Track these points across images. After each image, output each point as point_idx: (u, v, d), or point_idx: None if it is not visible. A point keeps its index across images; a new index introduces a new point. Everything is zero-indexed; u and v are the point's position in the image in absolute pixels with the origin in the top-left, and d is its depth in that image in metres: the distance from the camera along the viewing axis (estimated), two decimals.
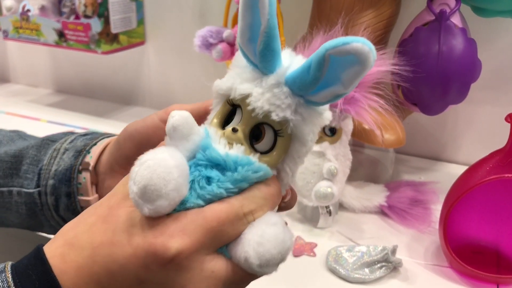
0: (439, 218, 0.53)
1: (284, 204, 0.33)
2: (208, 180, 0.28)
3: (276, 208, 0.31)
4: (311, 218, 0.62)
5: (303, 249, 0.56)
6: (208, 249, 0.28)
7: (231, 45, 0.69)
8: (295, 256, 0.56)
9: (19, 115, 0.96)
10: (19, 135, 0.50)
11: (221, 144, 0.29)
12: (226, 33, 0.69)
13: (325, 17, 0.65)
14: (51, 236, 0.52)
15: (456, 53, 0.60)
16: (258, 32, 0.28)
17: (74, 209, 0.42)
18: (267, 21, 0.27)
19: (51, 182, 0.42)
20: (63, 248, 0.28)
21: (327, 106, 0.31)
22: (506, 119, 0.49)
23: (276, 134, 0.29)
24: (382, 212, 0.64)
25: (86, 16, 0.87)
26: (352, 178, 0.64)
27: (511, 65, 0.72)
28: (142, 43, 0.97)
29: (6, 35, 0.97)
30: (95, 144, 0.43)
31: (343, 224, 0.62)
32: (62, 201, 0.42)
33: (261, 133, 0.29)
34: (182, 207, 0.28)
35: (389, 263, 0.52)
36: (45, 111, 1.00)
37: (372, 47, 0.25)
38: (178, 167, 0.27)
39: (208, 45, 0.70)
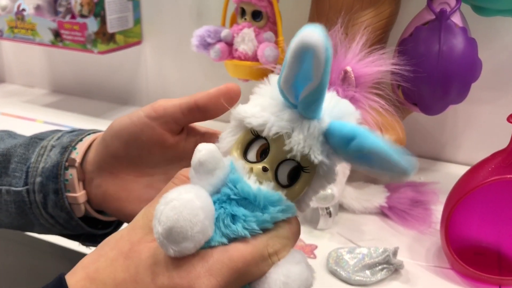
0: (441, 219, 0.53)
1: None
2: (233, 218, 0.28)
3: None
4: (311, 219, 0.61)
5: (303, 251, 0.56)
6: None
7: (229, 44, 0.69)
8: None
9: (15, 116, 0.95)
10: (9, 133, 0.49)
11: (251, 179, 0.29)
12: (224, 32, 0.68)
13: (324, 17, 0.65)
14: (42, 236, 0.50)
15: (456, 53, 0.59)
16: (304, 80, 0.26)
17: (62, 206, 0.41)
18: (320, 80, 0.25)
19: (38, 179, 0.42)
20: (85, 281, 0.28)
21: None
22: (508, 119, 0.48)
23: (301, 169, 0.29)
24: (382, 213, 0.63)
25: (82, 16, 0.86)
26: (352, 179, 0.63)
27: (511, 65, 0.72)
28: (139, 42, 0.96)
29: (1, 34, 0.96)
30: (81, 140, 0.42)
31: (343, 226, 0.61)
32: (50, 198, 0.41)
33: (294, 171, 0.29)
34: (206, 245, 0.28)
35: (390, 265, 0.52)
36: (41, 112, 0.99)
37: (411, 173, 0.26)
38: (204, 209, 0.27)
39: (206, 45, 0.69)
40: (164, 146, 0.38)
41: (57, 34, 0.90)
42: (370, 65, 0.54)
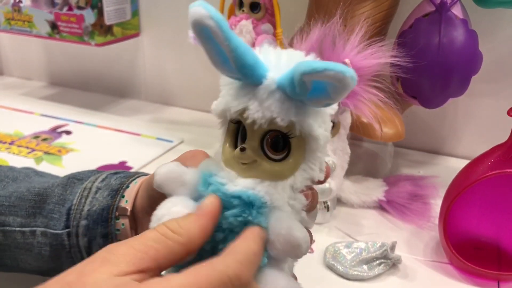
0: (439, 213, 0.52)
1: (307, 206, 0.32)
2: None
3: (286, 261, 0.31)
4: None
5: None
6: None
7: None
8: None
9: (12, 108, 0.95)
10: (35, 172, 0.48)
11: (224, 177, 0.29)
12: None
13: (323, 8, 0.64)
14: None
15: (456, 45, 0.58)
16: (223, 53, 0.27)
17: None
18: (227, 46, 0.26)
19: (83, 222, 0.40)
20: None
21: None
22: (508, 113, 0.48)
23: (287, 137, 0.29)
24: (380, 207, 0.63)
25: (79, 8, 0.85)
26: (351, 172, 0.62)
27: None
28: (137, 34, 0.95)
29: None
30: (127, 186, 0.41)
31: (341, 220, 0.61)
32: (96, 242, 0.40)
33: (278, 138, 0.29)
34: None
35: (388, 260, 0.51)
36: (39, 104, 0.98)
37: (348, 71, 0.24)
38: None
39: None
40: None
41: (54, 26, 0.89)
42: (369, 57, 0.53)
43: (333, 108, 0.30)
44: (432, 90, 0.60)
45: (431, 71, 0.59)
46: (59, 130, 0.85)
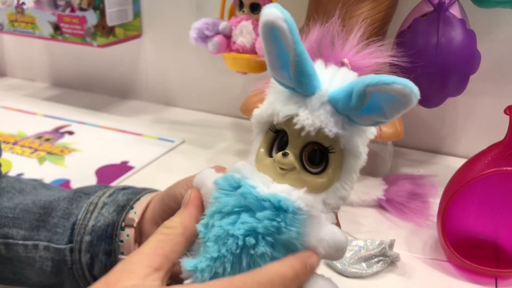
0: (437, 211, 0.53)
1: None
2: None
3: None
4: None
5: None
6: None
7: (227, 37, 0.69)
8: None
9: (16, 109, 0.95)
10: (42, 184, 0.48)
11: (259, 182, 0.30)
12: (222, 25, 0.68)
13: (322, 9, 0.64)
14: None
15: (455, 45, 0.59)
16: (287, 59, 0.27)
17: None
18: (294, 50, 0.27)
19: (87, 238, 0.39)
20: None
21: None
22: (505, 111, 0.48)
23: (327, 151, 0.29)
24: (380, 205, 0.63)
25: (82, 9, 0.86)
26: None
27: (510, 57, 0.71)
28: (138, 36, 0.96)
29: (1, 28, 0.96)
30: (138, 199, 0.41)
31: (340, 218, 0.61)
32: (99, 259, 0.39)
33: (317, 152, 0.29)
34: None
35: (386, 258, 0.52)
36: (42, 105, 0.99)
37: (414, 87, 0.25)
38: None
39: (204, 38, 0.69)
40: None
41: (56, 28, 0.90)
42: (367, 57, 0.54)
43: (372, 133, 0.31)
44: (431, 89, 0.61)
45: (429, 70, 0.59)
46: (62, 130, 0.86)
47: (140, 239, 0.40)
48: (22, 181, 0.48)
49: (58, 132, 0.85)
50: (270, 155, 0.30)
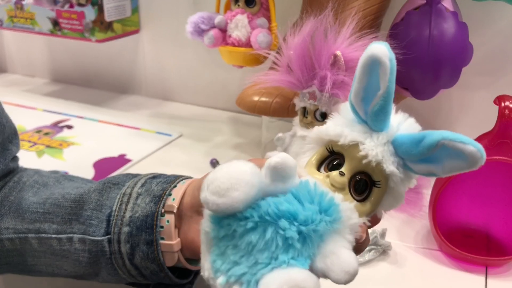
0: (429, 201, 0.53)
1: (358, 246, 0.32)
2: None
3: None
4: None
5: None
6: None
7: (223, 31, 0.69)
8: None
9: (16, 104, 0.96)
10: (63, 176, 0.48)
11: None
12: (218, 19, 0.69)
13: (316, 2, 0.65)
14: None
15: (447, 37, 0.59)
16: (372, 94, 0.29)
17: (154, 258, 0.39)
18: (387, 87, 0.28)
19: (126, 229, 0.39)
20: None
21: None
22: (494, 101, 0.49)
23: (373, 184, 0.31)
24: None
25: (80, 5, 0.87)
26: None
27: (504, 50, 0.72)
28: (136, 31, 0.97)
29: (1, 24, 0.97)
30: (175, 186, 0.41)
31: None
32: (140, 249, 0.39)
33: (364, 182, 0.31)
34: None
35: (378, 246, 0.52)
36: (42, 100, 1.00)
37: (484, 154, 0.27)
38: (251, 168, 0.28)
39: (200, 31, 0.69)
40: None
41: (55, 23, 0.90)
42: (360, 49, 0.54)
43: (414, 183, 0.32)
44: (423, 81, 0.61)
45: (421, 62, 0.60)
46: (61, 124, 0.87)
47: (179, 224, 0.40)
48: (43, 173, 0.48)
49: (57, 126, 0.86)
50: (318, 170, 0.32)
